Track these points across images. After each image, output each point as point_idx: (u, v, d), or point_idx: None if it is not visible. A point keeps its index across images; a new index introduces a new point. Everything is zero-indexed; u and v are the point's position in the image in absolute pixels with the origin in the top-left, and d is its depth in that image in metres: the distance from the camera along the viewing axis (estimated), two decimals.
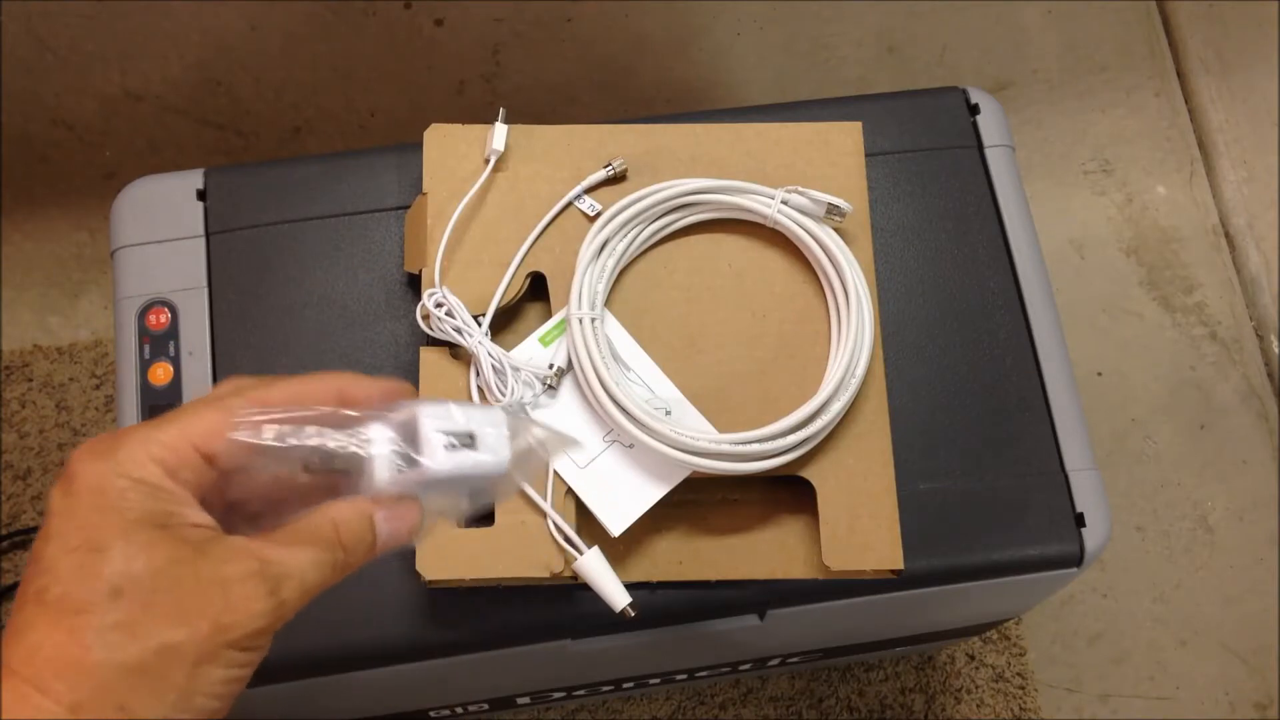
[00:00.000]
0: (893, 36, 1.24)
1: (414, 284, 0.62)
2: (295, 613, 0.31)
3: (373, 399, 0.35)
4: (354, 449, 0.33)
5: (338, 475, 0.33)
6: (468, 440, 0.34)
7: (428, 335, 0.57)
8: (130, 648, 0.28)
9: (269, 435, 0.32)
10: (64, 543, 0.29)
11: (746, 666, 0.84)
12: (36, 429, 1.03)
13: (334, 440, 0.32)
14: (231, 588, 0.30)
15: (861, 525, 0.55)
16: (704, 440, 0.53)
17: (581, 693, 0.87)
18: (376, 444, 0.33)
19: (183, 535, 0.30)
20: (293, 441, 0.32)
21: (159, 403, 0.60)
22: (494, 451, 0.35)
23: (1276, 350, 1.16)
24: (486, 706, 0.81)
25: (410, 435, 0.34)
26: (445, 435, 0.34)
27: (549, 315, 0.58)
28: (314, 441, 0.32)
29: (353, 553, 0.33)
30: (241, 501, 0.34)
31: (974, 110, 0.68)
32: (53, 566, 0.29)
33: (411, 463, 0.33)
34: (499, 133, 0.60)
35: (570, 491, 0.54)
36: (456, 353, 0.57)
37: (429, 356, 0.57)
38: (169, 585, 0.29)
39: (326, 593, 0.41)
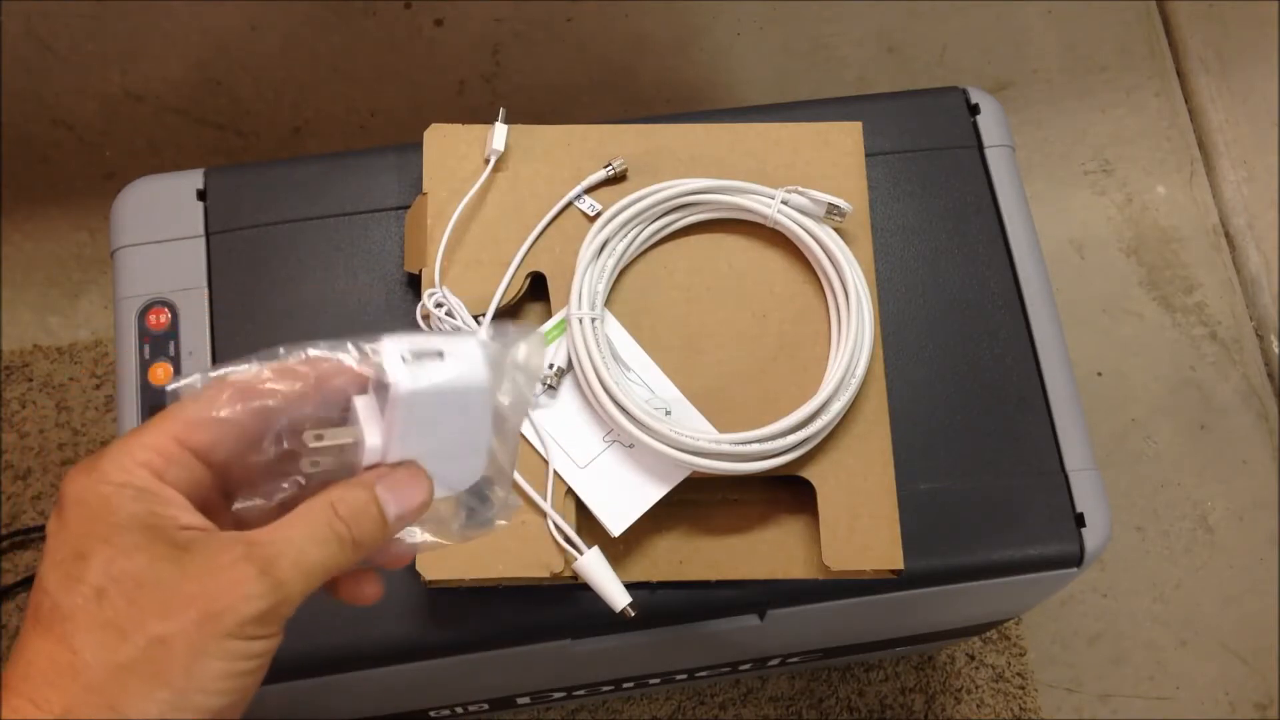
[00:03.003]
0: (893, 36, 1.24)
1: (414, 284, 0.62)
2: (303, 594, 0.30)
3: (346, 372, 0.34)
4: (337, 431, 0.32)
5: (340, 469, 0.33)
6: (435, 357, 0.33)
7: None
8: (118, 646, 0.28)
9: (251, 402, 0.31)
10: (53, 558, 0.29)
11: (746, 666, 0.84)
12: (36, 429, 1.03)
13: (312, 405, 0.32)
14: (219, 575, 0.29)
15: (861, 525, 0.55)
16: (704, 440, 0.53)
17: (581, 693, 0.87)
18: (360, 408, 0.32)
19: (170, 535, 0.30)
20: (275, 390, 0.31)
21: (159, 403, 0.60)
22: (466, 361, 0.33)
23: (1276, 350, 1.16)
24: (486, 706, 0.81)
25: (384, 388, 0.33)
26: (411, 355, 0.32)
27: (549, 315, 0.58)
28: (291, 387, 0.31)
29: (358, 526, 0.31)
30: (249, 521, 0.33)
31: (974, 110, 0.68)
32: (43, 583, 0.29)
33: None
34: (499, 133, 0.60)
35: (570, 491, 0.54)
36: None
37: None
38: (155, 581, 0.28)
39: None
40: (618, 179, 0.60)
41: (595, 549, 0.53)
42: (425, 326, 0.57)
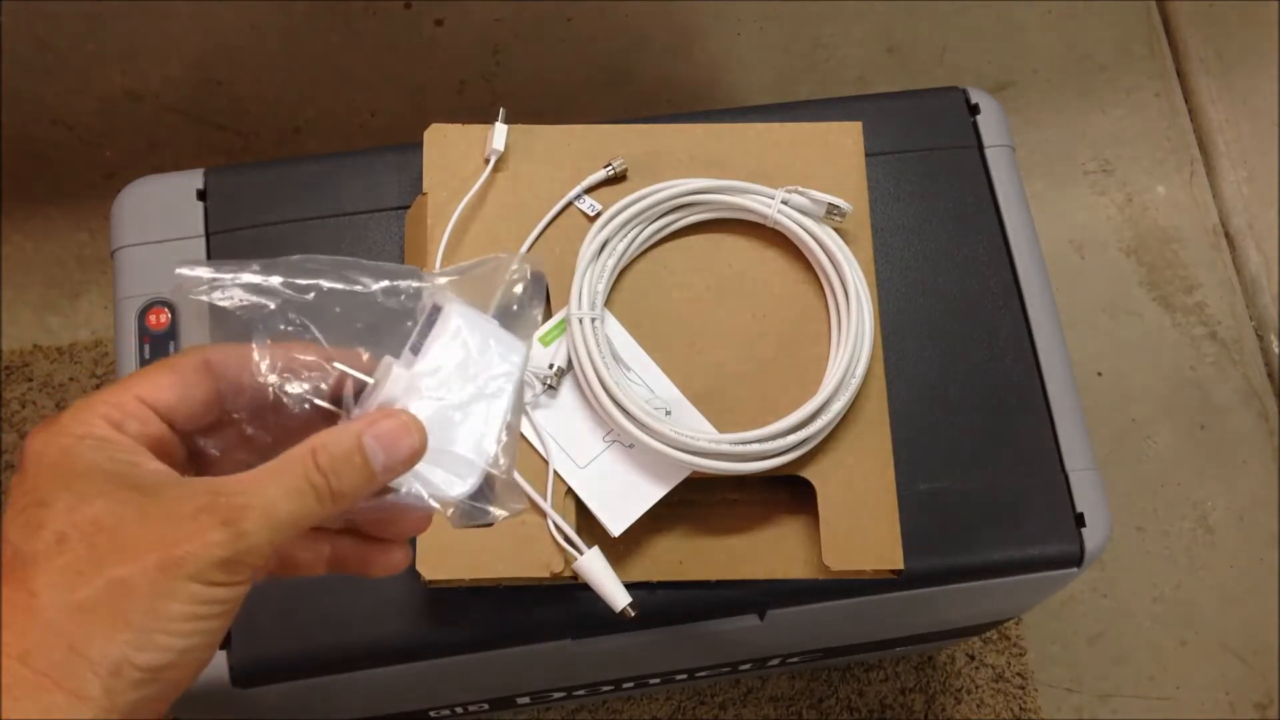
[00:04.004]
0: (893, 36, 1.24)
1: None
2: (272, 544, 0.29)
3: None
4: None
5: (329, 413, 0.32)
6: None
7: None
8: (76, 588, 0.27)
9: (226, 379, 0.31)
10: (14, 508, 0.29)
11: (746, 666, 0.84)
12: None
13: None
14: (181, 521, 0.28)
15: (861, 525, 0.55)
16: (704, 440, 0.53)
17: (581, 693, 0.87)
18: (388, 361, 0.32)
19: (131, 479, 0.29)
20: (258, 380, 0.31)
21: None
22: (506, 332, 0.33)
23: (1276, 350, 1.16)
24: (486, 706, 0.81)
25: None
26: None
27: (549, 315, 0.58)
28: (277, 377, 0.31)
29: (338, 476, 0.30)
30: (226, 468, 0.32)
31: (974, 110, 0.68)
32: (5, 534, 0.28)
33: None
34: (499, 133, 0.60)
35: (570, 491, 0.54)
36: None
37: None
38: (115, 525, 0.28)
39: (326, 592, 0.40)
40: (618, 179, 0.60)
41: (595, 549, 0.53)
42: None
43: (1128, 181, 1.22)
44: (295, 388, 0.32)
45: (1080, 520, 0.60)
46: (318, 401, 0.32)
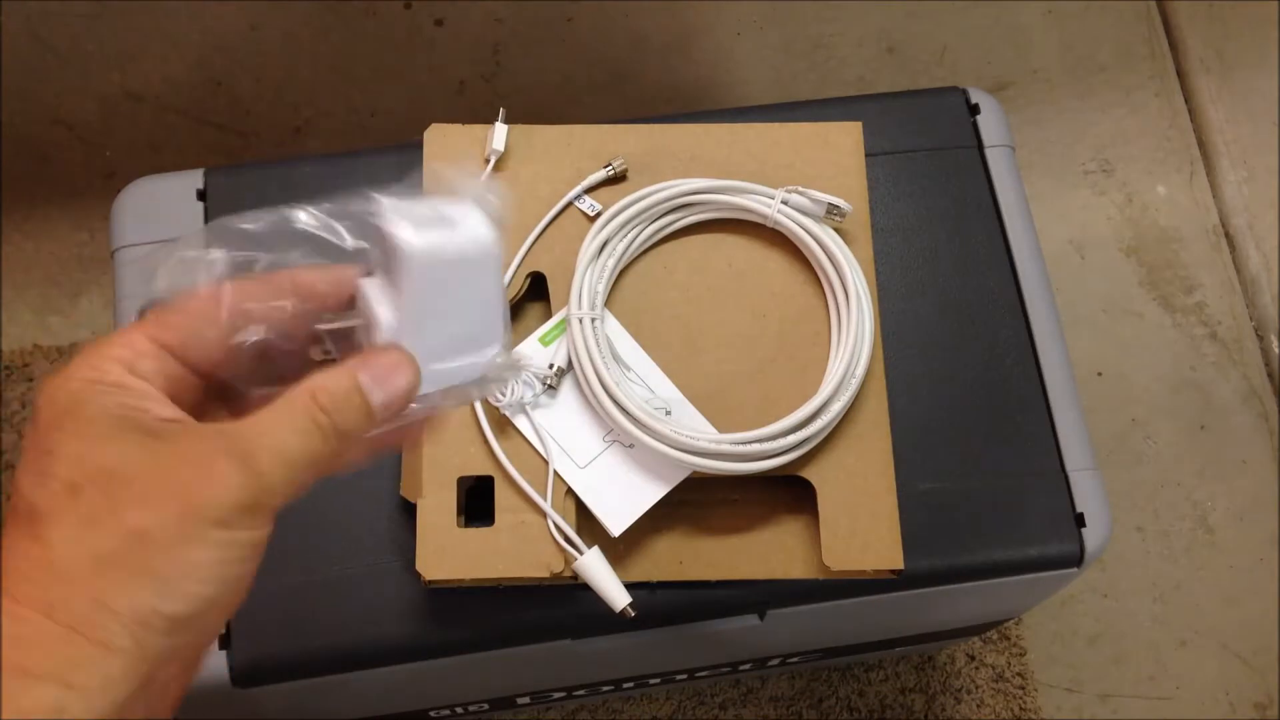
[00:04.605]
0: (893, 36, 1.24)
1: None
2: (287, 484, 0.29)
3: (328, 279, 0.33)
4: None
5: (354, 353, 0.32)
6: (440, 223, 0.32)
7: None
8: (96, 540, 0.27)
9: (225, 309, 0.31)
10: (25, 459, 0.28)
11: (746, 666, 0.84)
12: None
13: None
14: (198, 466, 0.28)
15: (861, 525, 0.55)
16: (704, 440, 0.53)
17: (581, 693, 0.87)
18: (368, 289, 0.31)
19: (143, 425, 0.29)
20: (251, 308, 0.31)
21: None
22: (472, 221, 0.32)
23: (1276, 350, 1.16)
24: (486, 706, 0.81)
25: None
26: (415, 224, 0.31)
27: (549, 315, 0.58)
28: (271, 301, 0.31)
29: (339, 414, 0.30)
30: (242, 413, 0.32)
31: (974, 110, 0.68)
32: (17, 486, 0.28)
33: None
34: (499, 133, 0.60)
35: (570, 491, 0.54)
36: None
37: None
38: (130, 474, 0.27)
39: (327, 592, 0.40)
40: (618, 179, 0.60)
41: (595, 549, 0.53)
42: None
43: (1128, 181, 1.22)
44: (318, 351, 0.32)
45: (1080, 520, 0.60)
46: (327, 328, 0.32)
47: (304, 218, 0.32)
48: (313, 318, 0.33)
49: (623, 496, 0.54)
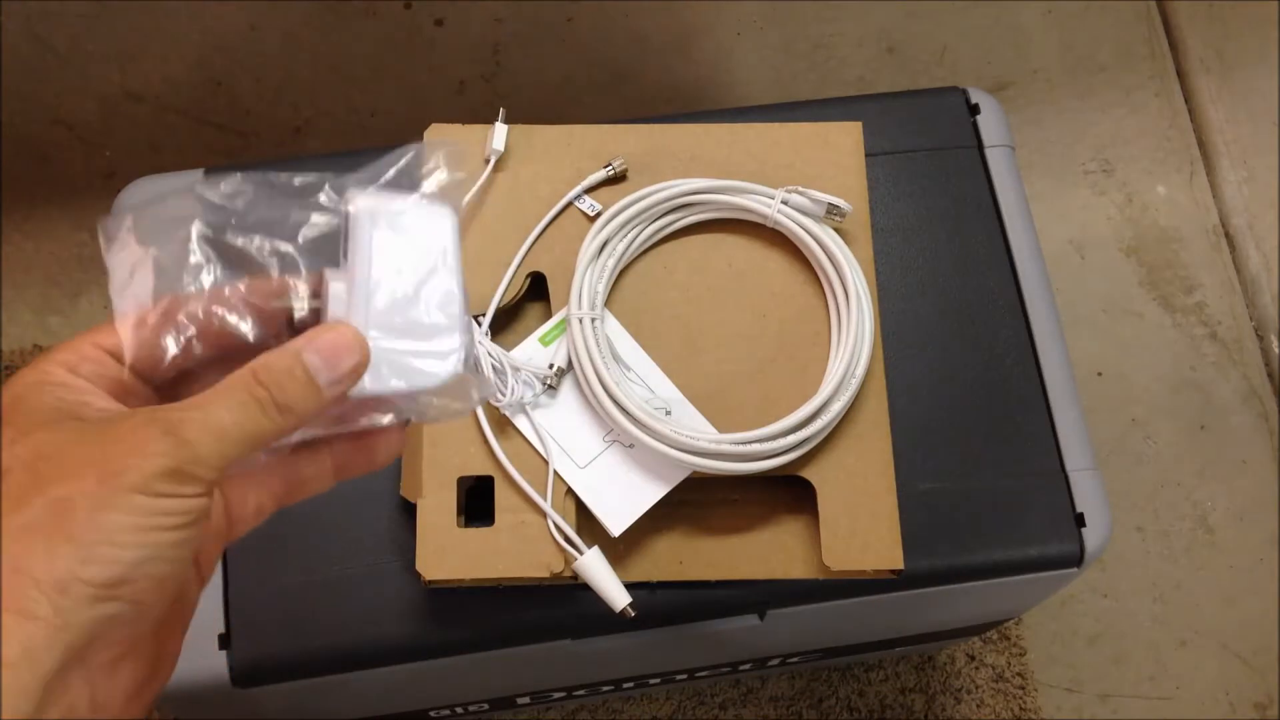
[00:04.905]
0: (893, 36, 1.24)
1: None
2: (220, 455, 0.29)
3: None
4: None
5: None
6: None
7: None
8: (18, 511, 0.27)
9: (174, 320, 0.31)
10: None
11: (746, 666, 0.84)
12: None
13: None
14: (121, 438, 0.28)
15: (861, 525, 0.55)
16: (704, 440, 0.53)
17: (581, 693, 0.87)
18: (330, 277, 0.32)
19: (80, 415, 0.29)
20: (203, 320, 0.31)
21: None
22: (426, 202, 0.33)
23: (1276, 350, 1.16)
24: (486, 706, 0.81)
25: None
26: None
27: (549, 315, 0.58)
28: (223, 318, 0.31)
29: (281, 390, 0.30)
30: None
31: (974, 110, 0.68)
32: None
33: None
34: (499, 133, 0.60)
35: (570, 491, 0.54)
36: None
37: None
38: (55, 453, 0.28)
39: (327, 592, 0.40)
40: (618, 179, 0.60)
41: (595, 549, 0.53)
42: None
43: (1128, 181, 1.22)
44: (251, 327, 0.32)
45: (1080, 520, 0.60)
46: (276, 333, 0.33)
47: (284, 181, 0.33)
48: (280, 310, 0.33)
49: (623, 496, 0.54)
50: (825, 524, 0.55)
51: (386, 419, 0.34)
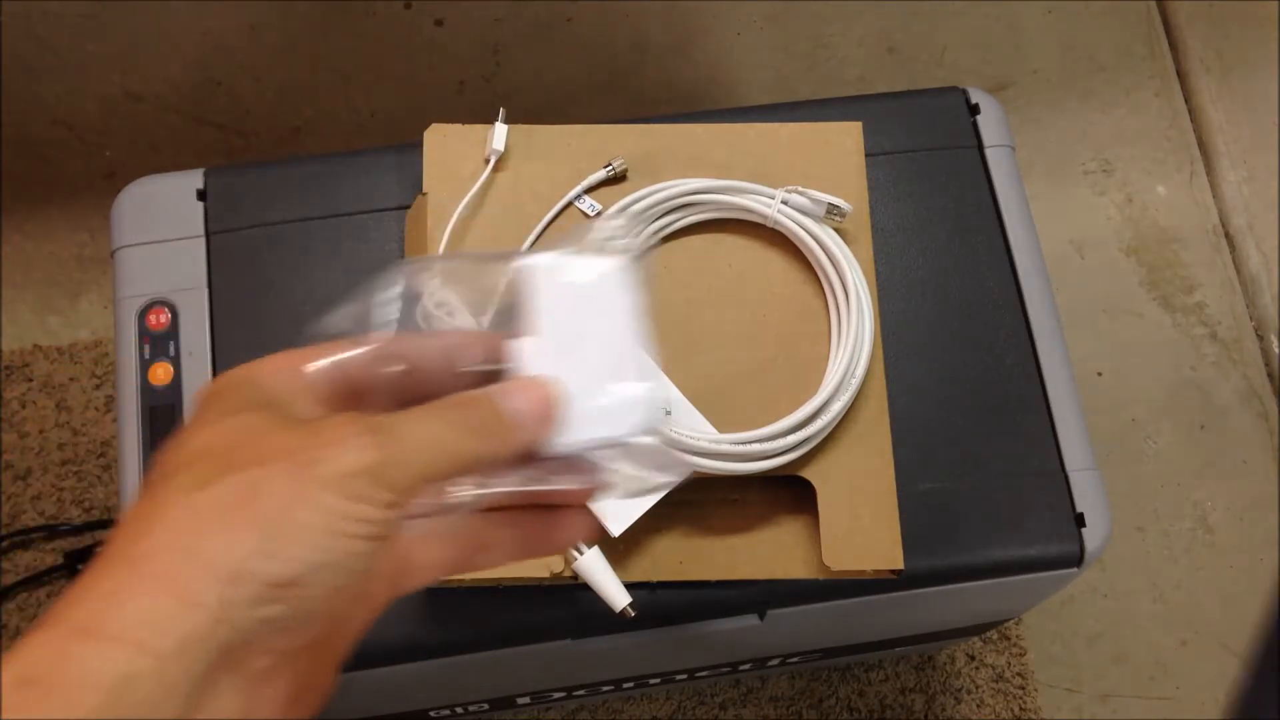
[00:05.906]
0: (893, 36, 1.24)
1: None
2: (420, 473, 0.27)
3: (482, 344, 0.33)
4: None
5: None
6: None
7: None
8: (201, 490, 0.24)
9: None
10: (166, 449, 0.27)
11: (746, 666, 0.84)
12: (36, 429, 1.03)
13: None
14: (323, 431, 0.26)
15: (861, 525, 0.55)
16: (704, 440, 0.53)
17: (581, 693, 0.87)
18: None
19: (284, 413, 0.27)
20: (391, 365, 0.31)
21: (159, 403, 0.60)
22: (600, 258, 0.34)
23: (1276, 350, 1.16)
24: (486, 706, 0.81)
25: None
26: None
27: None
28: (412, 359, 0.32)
29: (484, 420, 0.29)
30: None
31: (974, 110, 0.68)
32: (154, 462, 0.27)
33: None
34: (499, 133, 0.60)
35: None
36: None
37: None
38: (254, 440, 0.26)
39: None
40: (618, 179, 0.60)
41: (595, 549, 0.53)
42: (425, 326, 0.57)
43: (1128, 181, 1.22)
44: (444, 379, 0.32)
45: (1080, 520, 0.60)
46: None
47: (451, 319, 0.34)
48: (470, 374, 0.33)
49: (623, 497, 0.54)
50: (825, 524, 0.55)
51: (579, 484, 0.33)
